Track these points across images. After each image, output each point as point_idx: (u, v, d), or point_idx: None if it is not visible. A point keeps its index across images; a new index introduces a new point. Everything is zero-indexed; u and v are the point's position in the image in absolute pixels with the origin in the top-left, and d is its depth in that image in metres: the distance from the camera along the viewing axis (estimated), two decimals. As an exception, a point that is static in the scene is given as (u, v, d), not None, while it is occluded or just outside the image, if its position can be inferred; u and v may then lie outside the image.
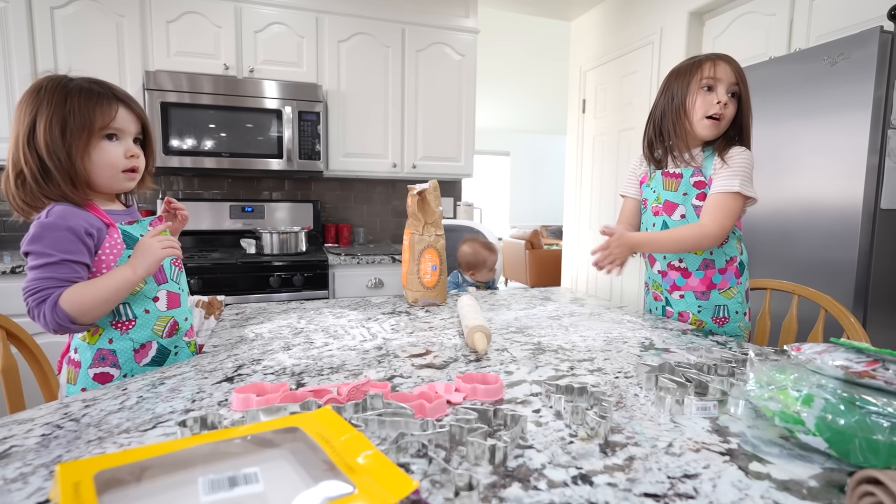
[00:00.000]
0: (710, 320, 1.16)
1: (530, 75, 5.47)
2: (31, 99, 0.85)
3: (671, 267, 1.19)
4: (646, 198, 1.25)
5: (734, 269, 1.16)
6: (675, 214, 1.16)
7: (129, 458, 0.41)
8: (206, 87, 2.26)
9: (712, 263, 1.15)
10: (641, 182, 1.27)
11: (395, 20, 2.65)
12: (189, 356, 1.00)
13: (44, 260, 0.82)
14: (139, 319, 0.92)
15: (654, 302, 1.26)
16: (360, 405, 0.59)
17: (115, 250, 0.89)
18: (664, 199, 1.18)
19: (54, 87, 0.85)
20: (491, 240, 2.09)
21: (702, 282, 1.16)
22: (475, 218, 3.45)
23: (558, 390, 0.65)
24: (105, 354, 0.89)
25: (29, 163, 0.84)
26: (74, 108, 0.85)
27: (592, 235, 3.27)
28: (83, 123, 0.85)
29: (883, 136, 1.48)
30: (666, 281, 1.21)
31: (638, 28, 2.82)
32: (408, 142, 2.74)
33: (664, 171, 1.18)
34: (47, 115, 0.83)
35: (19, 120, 0.85)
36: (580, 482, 0.47)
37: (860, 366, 0.55)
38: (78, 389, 0.89)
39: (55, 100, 0.84)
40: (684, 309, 1.19)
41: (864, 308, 1.52)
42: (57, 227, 0.83)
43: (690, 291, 1.17)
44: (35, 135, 0.84)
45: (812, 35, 1.94)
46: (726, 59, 1.11)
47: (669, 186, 1.17)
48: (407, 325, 1.08)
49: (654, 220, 1.21)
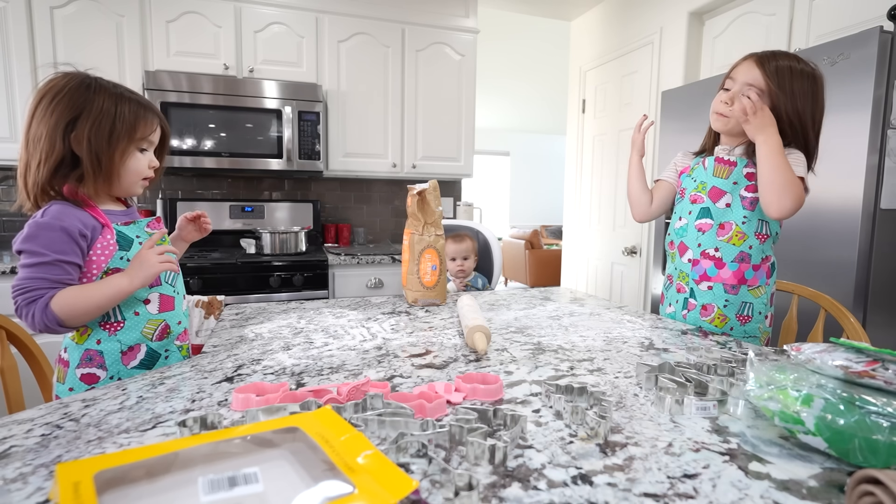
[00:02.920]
0: (734, 317, 1.14)
1: (530, 75, 5.47)
2: (76, 92, 0.86)
3: (705, 255, 1.16)
4: (684, 187, 1.23)
5: (766, 268, 1.14)
6: (720, 202, 1.14)
7: (128, 458, 0.41)
8: (205, 87, 2.26)
9: (748, 258, 1.12)
10: (681, 173, 1.27)
11: (395, 20, 2.65)
12: (180, 360, 1.00)
13: (37, 259, 0.82)
14: (128, 321, 0.91)
15: (677, 294, 1.23)
16: (360, 405, 0.59)
17: (108, 251, 0.89)
18: (711, 186, 1.15)
19: (101, 88, 0.89)
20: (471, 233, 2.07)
21: (734, 275, 1.13)
22: (475, 218, 3.45)
23: (558, 390, 0.65)
24: (92, 355, 0.89)
25: (58, 152, 0.85)
26: (125, 114, 0.89)
27: (593, 235, 3.27)
28: (129, 131, 0.90)
29: (883, 136, 1.48)
30: (696, 270, 1.17)
31: (638, 28, 2.82)
32: (408, 142, 2.74)
33: (717, 158, 1.16)
34: (97, 113, 0.87)
35: (53, 109, 0.85)
36: (580, 482, 0.47)
37: (860, 366, 0.55)
38: (66, 388, 0.90)
39: (105, 102, 0.88)
40: (710, 301, 1.15)
41: (863, 308, 1.52)
42: (51, 227, 0.83)
43: (721, 284, 1.14)
44: (75, 128, 0.86)
45: (812, 35, 1.94)
46: (756, 58, 1.10)
47: (720, 173, 1.14)
48: (407, 325, 1.08)
49: (690, 209, 1.19)
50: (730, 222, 1.13)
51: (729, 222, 1.13)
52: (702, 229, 1.16)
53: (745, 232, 1.12)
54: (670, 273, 1.26)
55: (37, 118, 0.85)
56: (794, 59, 1.09)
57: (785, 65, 1.08)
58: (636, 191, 1.33)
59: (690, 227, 1.19)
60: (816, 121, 1.10)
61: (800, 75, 1.07)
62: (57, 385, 0.92)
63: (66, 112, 0.85)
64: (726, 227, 1.13)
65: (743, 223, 1.12)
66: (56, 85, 0.86)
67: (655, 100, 2.65)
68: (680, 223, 1.22)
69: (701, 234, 1.16)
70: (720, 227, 1.14)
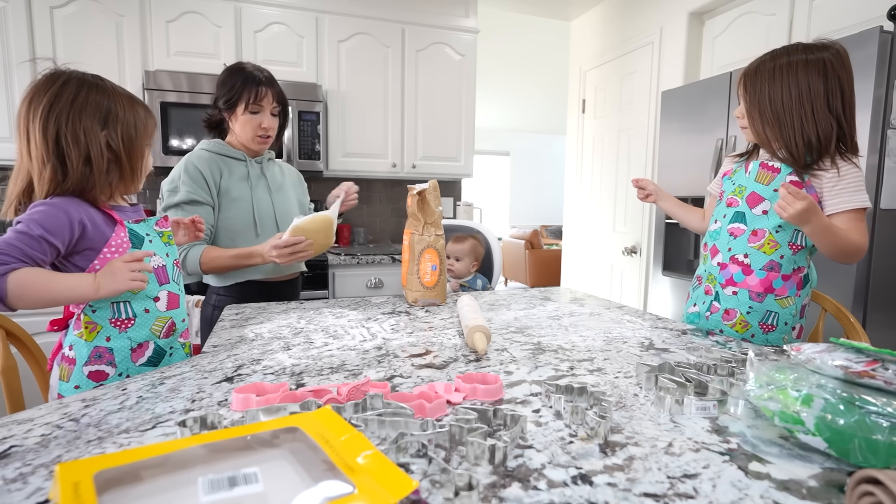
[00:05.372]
0: (756, 324, 1.11)
1: (530, 75, 5.47)
2: (95, 92, 0.88)
3: (733, 260, 1.13)
4: (723, 190, 1.21)
5: (798, 279, 1.10)
6: (756, 208, 1.10)
7: (128, 458, 0.41)
8: (205, 87, 2.26)
9: (778, 267, 1.08)
10: (724, 175, 1.24)
11: (395, 20, 2.65)
12: (183, 357, 1.00)
13: (23, 228, 0.82)
14: (138, 318, 0.92)
15: (704, 296, 1.20)
16: (360, 405, 0.59)
17: (122, 248, 0.90)
18: (750, 191, 1.12)
19: (114, 91, 0.91)
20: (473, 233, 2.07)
21: (761, 282, 1.09)
22: (475, 218, 3.45)
23: (558, 390, 0.65)
24: (102, 352, 0.89)
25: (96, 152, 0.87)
26: (139, 115, 0.93)
27: (593, 235, 3.27)
28: (144, 131, 0.95)
29: (883, 136, 1.48)
30: (723, 274, 1.15)
31: (638, 28, 2.82)
32: (408, 142, 2.74)
33: (763, 163, 1.12)
34: (122, 114, 0.90)
35: (77, 110, 0.86)
36: (580, 482, 0.47)
37: (860, 366, 0.55)
38: (71, 387, 0.89)
39: (124, 102, 0.92)
40: (733, 307, 1.13)
41: (863, 308, 1.52)
42: (55, 207, 0.84)
43: (746, 290, 1.11)
44: (107, 127, 0.89)
45: (812, 35, 1.94)
46: (742, 74, 1.13)
47: (763, 179, 1.11)
48: (407, 325, 1.08)
49: (724, 212, 1.16)
50: (763, 229, 1.09)
51: (762, 229, 1.09)
52: (734, 234, 1.13)
53: (777, 241, 1.08)
54: (700, 274, 1.24)
55: (57, 119, 0.84)
56: (789, 53, 1.07)
57: (769, 67, 1.08)
58: (683, 219, 1.40)
59: (723, 231, 1.16)
60: (832, 104, 1.03)
61: (792, 69, 1.05)
62: (60, 384, 0.91)
63: (95, 114, 0.87)
64: (759, 233, 1.10)
65: (777, 231, 1.08)
66: (68, 85, 0.86)
67: (655, 100, 2.65)
68: (715, 226, 1.20)
69: (732, 239, 1.14)
70: (753, 234, 1.10)
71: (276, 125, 1.42)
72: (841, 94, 1.04)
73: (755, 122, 1.10)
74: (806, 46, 1.06)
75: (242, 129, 1.37)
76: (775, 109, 1.06)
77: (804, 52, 1.05)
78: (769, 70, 1.08)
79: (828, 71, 1.03)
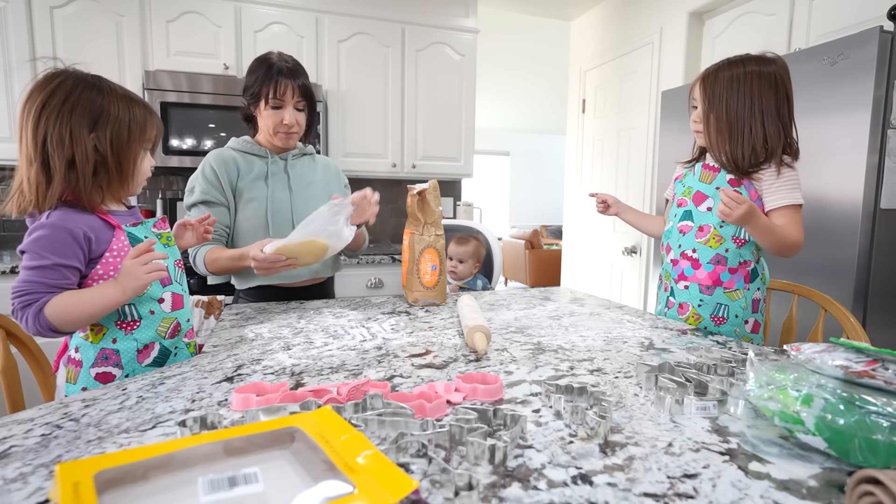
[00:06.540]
0: (708, 317, 1.17)
1: (530, 75, 5.47)
2: (89, 92, 0.85)
3: (683, 256, 1.21)
4: (675, 192, 1.29)
5: (745, 273, 1.17)
6: (701, 206, 1.19)
7: (128, 458, 0.41)
8: (205, 87, 2.26)
9: (724, 260, 1.16)
10: (675, 179, 1.32)
11: (395, 20, 2.65)
12: (188, 357, 1.00)
13: (37, 262, 0.82)
14: (144, 320, 0.92)
15: (664, 293, 1.29)
16: (360, 405, 0.59)
17: (123, 253, 0.90)
18: (695, 191, 1.21)
19: (111, 90, 0.88)
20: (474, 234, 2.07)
21: (709, 275, 1.17)
22: (475, 218, 3.45)
23: (558, 390, 0.65)
24: (108, 354, 0.89)
25: (90, 156, 0.85)
26: (136, 116, 0.90)
27: (593, 235, 3.27)
28: (141, 133, 0.91)
29: (883, 136, 1.47)
30: (675, 270, 1.23)
31: (638, 28, 2.82)
32: (408, 142, 2.74)
33: (704, 164, 1.22)
34: (115, 115, 0.86)
35: (67, 111, 0.83)
36: (580, 482, 0.47)
37: (860, 366, 0.55)
38: (78, 389, 0.89)
39: (120, 102, 0.88)
40: (686, 300, 1.20)
41: (863, 308, 1.52)
42: (56, 229, 0.83)
43: (696, 284, 1.18)
44: (96, 130, 0.86)
45: (812, 35, 1.94)
46: (701, 76, 1.18)
47: (705, 178, 1.20)
48: (407, 325, 1.08)
49: (676, 212, 1.25)
50: (708, 225, 1.17)
51: (707, 225, 1.17)
52: (682, 231, 1.22)
53: (722, 235, 1.15)
54: (661, 273, 1.33)
55: (47, 120, 0.83)
56: (744, 63, 1.13)
57: (727, 76, 1.13)
58: (642, 226, 1.46)
59: (674, 230, 1.25)
60: (781, 113, 1.12)
61: (748, 79, 1.11)
62: (67, 386, 0.91)
63: (85, 115, 0.84)
64: (705, 229, 1.18)
65: (721, 226, 1.15)
66: (63, 85, 0.84)
67: (655, 100, 2.65)
68: (667, 226, 1.29)
69: (682, 236, 1.22)
70: (699, 230, 1.18)
71: (301, 120, 1.36)
72: (788, 105, 1.13)
73: (710, 126, 1.16)
74: (758, 58, 1.14)
75: (265, 123, 1.34)
76: (729, 118, 1.13)
77: (757, 64, 1.12)
78: (727, 78, 1.14)
79: (778, 83, 1.11)
